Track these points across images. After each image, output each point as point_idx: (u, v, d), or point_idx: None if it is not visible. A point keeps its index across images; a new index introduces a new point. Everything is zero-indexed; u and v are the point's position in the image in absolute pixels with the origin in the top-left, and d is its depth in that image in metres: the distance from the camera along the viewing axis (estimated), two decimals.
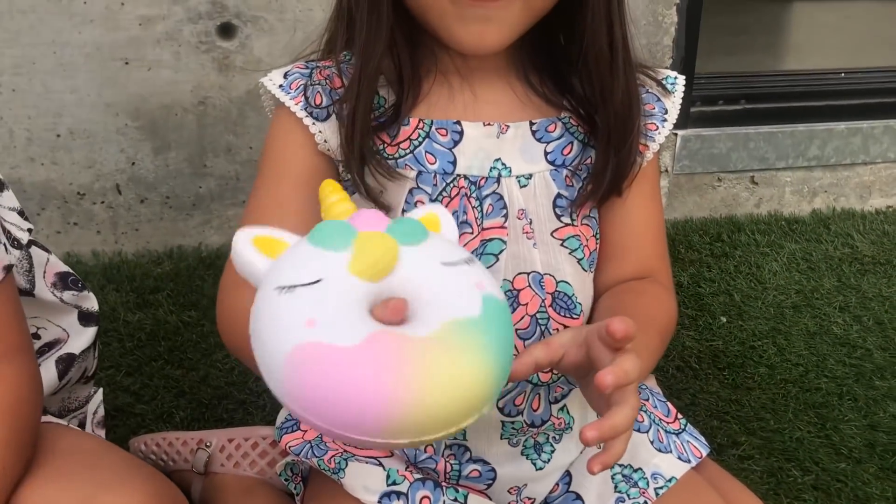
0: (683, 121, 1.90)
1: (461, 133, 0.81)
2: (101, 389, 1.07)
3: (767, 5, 4.08)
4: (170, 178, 1.68)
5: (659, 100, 0.88)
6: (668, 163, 1.92)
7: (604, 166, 0.83)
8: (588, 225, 0.86)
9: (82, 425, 1.02)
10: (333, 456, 0.85)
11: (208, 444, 1.10)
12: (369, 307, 0.52)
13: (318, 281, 0.51)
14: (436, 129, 0.81)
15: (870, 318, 1.59)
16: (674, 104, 0.88)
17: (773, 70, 2.80)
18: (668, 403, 0.94)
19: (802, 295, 1.65)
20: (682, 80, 0.89)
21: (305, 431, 0.89)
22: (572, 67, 0.83)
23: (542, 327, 0.83)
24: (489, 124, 0.82)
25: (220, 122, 1.66)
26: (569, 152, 0.84)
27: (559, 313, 0.84)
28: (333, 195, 0.59)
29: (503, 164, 0.82)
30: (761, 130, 1.95)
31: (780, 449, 1.27)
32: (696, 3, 1.81)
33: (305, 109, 0.81)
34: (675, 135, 1.89)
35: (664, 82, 0.88)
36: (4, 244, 0.80)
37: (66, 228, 1.67)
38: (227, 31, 1.61)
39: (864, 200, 2.06)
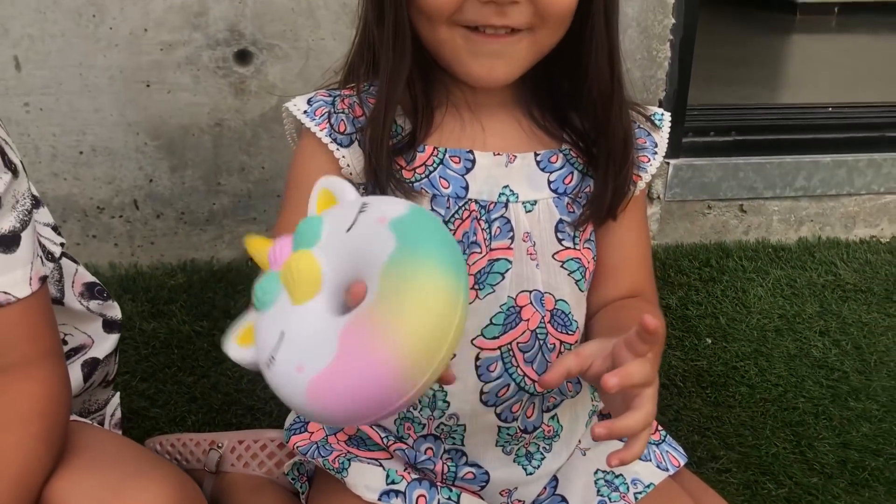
0: (675, 150, 1.94)
1: (473, 161, 0.87)
2: (118, 393, 1.12)
3: (767, 38, 4.14)
4: (185, 195, 1.74)
5: (649, 134, 0.93)
6: (660, 190, 1.96)
7: (602, 191, 0.88)
8: (588, 248, 0.91)
9: (101, 426, 1.06)
10: (338, 456, 0.90)
11: (220, 445, 1.14)
12: (340, 309, 0.58)
13: (281, 336, 0.57)
14: (449, 156, 0.87)
15: (848, 343, 1.63)
16: (662, 138, 0.94)
17: (765, 103, 2.85)
18: None
19: (785, 319, 1.69)
20: (668, 116, 0.95)
21: (312, 433, 0.94)
22: (571, 104, 0.89)
23: (541, 342, 0.89)
24: (499, 154, 0.87)
25: (235, 142, 1.71)
26: (569, 182, 0.89)
27: (557, 329, 0.89)
28: (260, 252, 0.62)
29: (511, 190, 0.87)
30: (750, 161, 1.99)
31: (756, 463, 1.31)
32: (689, 40, 1.86)
33: (330, 136, 0.85)
34: (668, 163, 1.93)
35: (652, 118, 0.94)
36: (41, 257, 0.85)
37: (86, 241, 1.72)
38: (243, 57, 1.66)
39: (848, 230, 2.10)
